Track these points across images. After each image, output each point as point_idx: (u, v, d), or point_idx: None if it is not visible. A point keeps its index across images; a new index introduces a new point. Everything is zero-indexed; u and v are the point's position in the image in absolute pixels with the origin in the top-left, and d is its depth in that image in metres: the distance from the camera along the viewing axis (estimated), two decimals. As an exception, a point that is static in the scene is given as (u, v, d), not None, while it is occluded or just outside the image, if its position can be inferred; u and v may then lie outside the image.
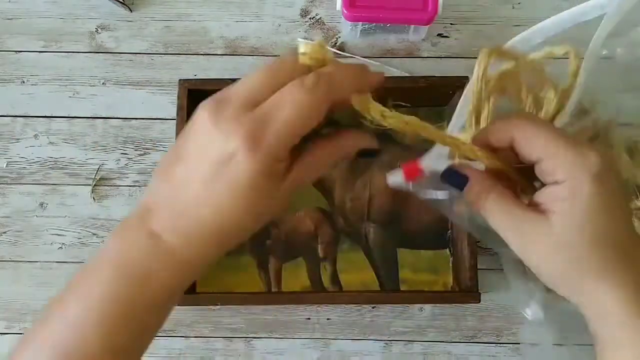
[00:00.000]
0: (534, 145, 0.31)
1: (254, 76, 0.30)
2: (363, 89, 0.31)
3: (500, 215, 0.33)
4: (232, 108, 0.29)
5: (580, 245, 0.31)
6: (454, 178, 0.35)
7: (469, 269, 0.56)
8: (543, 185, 0.33)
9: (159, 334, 0.61)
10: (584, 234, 0.31)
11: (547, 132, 0.31)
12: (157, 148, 0.63)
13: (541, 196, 0.32)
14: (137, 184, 0.63)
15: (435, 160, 0.41)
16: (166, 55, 0.65)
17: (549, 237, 0.31)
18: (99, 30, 0.66)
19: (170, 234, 0.31)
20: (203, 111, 0.30)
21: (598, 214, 0.31)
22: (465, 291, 0.56)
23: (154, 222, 0.31)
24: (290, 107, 0.29)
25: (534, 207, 0.32)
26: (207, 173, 0.29)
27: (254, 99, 0.29)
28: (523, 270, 0.58)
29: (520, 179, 0.35)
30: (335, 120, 0.35)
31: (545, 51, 0.42)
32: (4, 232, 0.62)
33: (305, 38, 0.66)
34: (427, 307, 0.61)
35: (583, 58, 0.41)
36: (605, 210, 0.31)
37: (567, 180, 0.30)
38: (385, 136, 0.62)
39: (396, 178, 0.40)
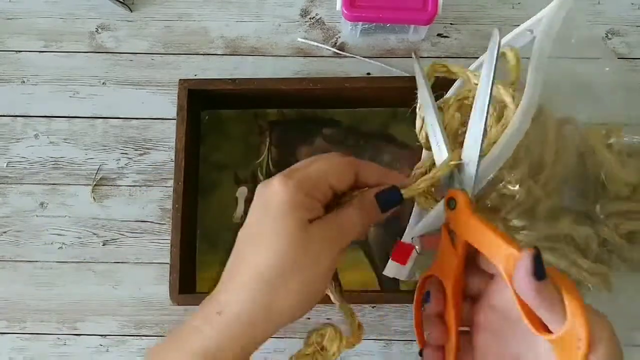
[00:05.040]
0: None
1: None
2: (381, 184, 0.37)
3: None
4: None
5: None
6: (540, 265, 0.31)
7: (469, 269, 0.55)
8: None
9: (159, 334, 0.61)
10: None
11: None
12: (157, 148, 0.64)
13: None
14: (137, 183, 0.63)
15: (416, 229, 0.41)
16: (166, 55, 0.66)
17: None
18: (99, 30, 0.66)
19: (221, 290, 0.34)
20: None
21: None
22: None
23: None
24: (322, 161, 0.35)
25: None
26: (252, 211, 0.35)
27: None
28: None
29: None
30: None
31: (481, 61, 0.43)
32: (4, 232, 0.62)
33: (305, 38, 0.66)
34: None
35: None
36: None
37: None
38: (385, 136, 0.63)
39: (394, 269, 0.40)
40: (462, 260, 0.36)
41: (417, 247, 0.39)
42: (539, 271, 0.30)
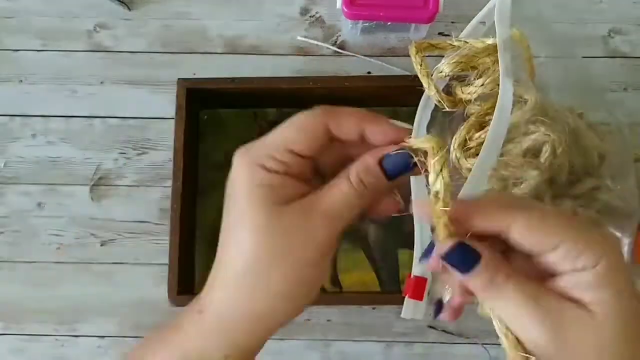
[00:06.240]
0: (547, 233, 0.27)
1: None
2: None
3: (526, 306, 0.27)
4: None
5: (629, 340, 0.26)
6: (462, 256, 0.27)
7: (470, 270, 0.55)
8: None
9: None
10: (631, 326, 0.26)
11: (559, 219, 0.27)
12: (155, 148, 0.63)
13: (565, 284, 0.27)
14: (135, 184, 0.62)
15: (422, 265, 0.37)
16: (165, 54, 0.65)
17: (597, 331, 0.26)
18: (97, 29, 0.66)
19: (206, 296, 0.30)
20: None
21: (637, 300, 0.27)
22: (467, 292, 0.56)
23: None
24: (284, 125, 0.29)
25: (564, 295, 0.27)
26: (226, 197, 0.29)
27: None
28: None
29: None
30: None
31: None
32: (2, 232, 0.61)
33: (305, 37, 0.65)
34: (428, 308, 0.60)
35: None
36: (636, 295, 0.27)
37: (599, 265, 0.26)
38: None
39: (411, 308, 0.36)
40: None
41: (429, 278, 0.36)
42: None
